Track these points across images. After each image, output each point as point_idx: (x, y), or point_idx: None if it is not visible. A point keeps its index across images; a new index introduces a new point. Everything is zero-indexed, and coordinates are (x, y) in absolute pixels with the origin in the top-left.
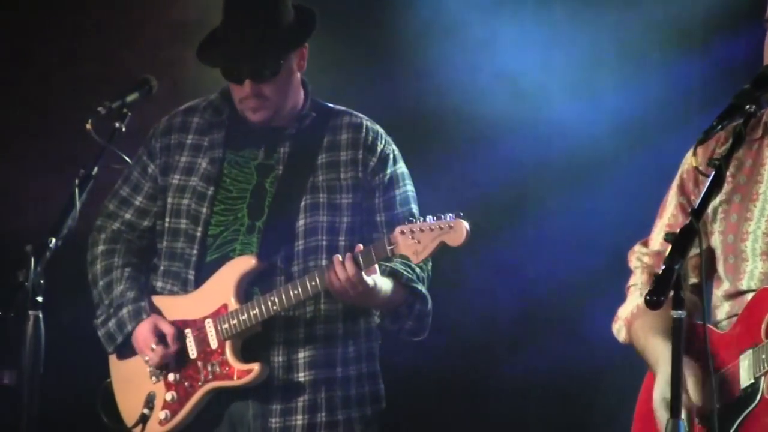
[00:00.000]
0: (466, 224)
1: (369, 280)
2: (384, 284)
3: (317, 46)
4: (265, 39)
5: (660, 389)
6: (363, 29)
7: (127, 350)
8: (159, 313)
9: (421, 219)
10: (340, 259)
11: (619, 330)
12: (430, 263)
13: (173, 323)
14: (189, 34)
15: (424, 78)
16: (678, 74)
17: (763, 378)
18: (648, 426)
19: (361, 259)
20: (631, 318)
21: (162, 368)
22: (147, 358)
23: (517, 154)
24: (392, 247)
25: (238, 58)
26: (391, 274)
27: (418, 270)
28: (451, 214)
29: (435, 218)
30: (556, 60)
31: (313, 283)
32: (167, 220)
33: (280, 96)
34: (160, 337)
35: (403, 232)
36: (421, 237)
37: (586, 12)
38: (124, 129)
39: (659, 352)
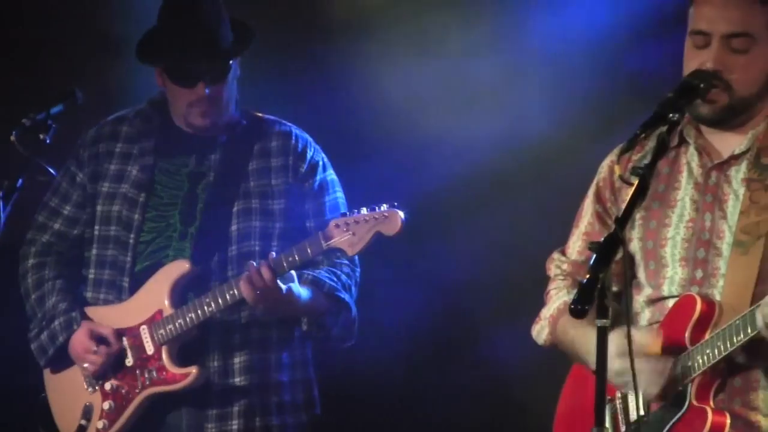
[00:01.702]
0: (401, 213)
1: (284, 287)
2: (303, 292)
3: (253, 53)
4: (215, 42)
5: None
6: (294, 36)
7: (60, 363)
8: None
9: (356, 211)
10: (255, 265)
11: (540, 330)
12: (358, 270)
13: None
14: (116, 44)
15: (355, 86)
16: (598, 85)
17: (690, 384)
18: (573, 424)
19: (285, 263)
20: (557, 314)
21: (100, 376)
22: (86, 365)
23: (444, 165)
24: (327, 241)
25: (194, 61)
26: (313, 282)
27: (344, 277)
28: (386, 204)
29: (369, 209)
30: (483, 70)
31: (231, 292)
32: (96, 227)
33: (227, 100)
34: (99, 340)
35: (337, 225)
36: (356, 229)
37: (510, 21)
38: (48, 141)
39: (590, 343)
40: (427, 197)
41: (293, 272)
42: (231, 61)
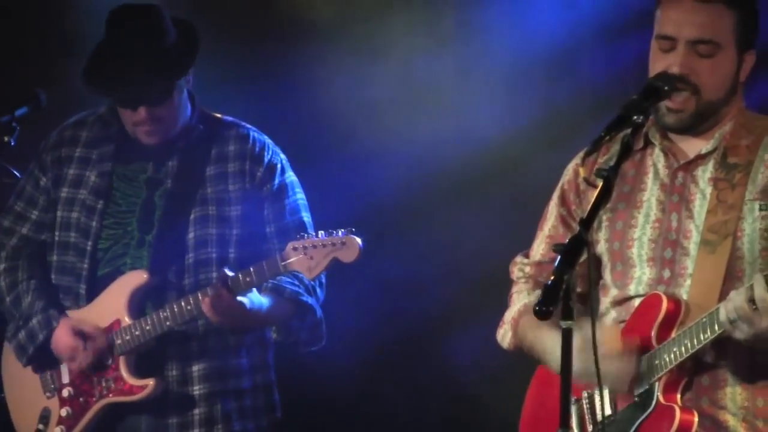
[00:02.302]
0: (358, 240)
1: (245, 301)
2: (264, 302)
3: (206, 57)
4: (156, 63)
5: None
6: (253, 39)
7: (41, 361)
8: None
9: (314, 235)
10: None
11: (504, 334)
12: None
13: None
14: (80, 46)
15: (310, 88)
16: (555, 88)
17: (657, 383)
18: (539, 425)
19: (242, 283)
20: (518, 316)
21: (86, 373)
22: (75, 363)
23: (400, 166)
24: (285, 263)
25: (131, 85)
26: (273, 290)
27: (307, 280)
28: (343, 230)
29: (327, 234)
30: (438, 73)
31: (189, 307)
32: (57, 233)
33: (173, 116)
34: (83, 337)
35: (295, 248)
36: (313, 253)
37: (466, 24)
38: (13, 143)
39: (551, 341)
40: (382, 199)
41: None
42: (173, 82)
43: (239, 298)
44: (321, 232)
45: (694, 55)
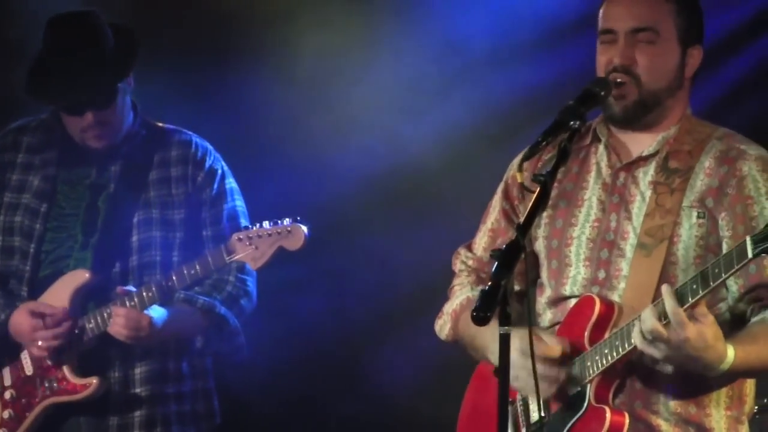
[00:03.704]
0: (304, 228)
1: (153, 315)
2: (172, 313)
3: (146, 69)
4: (98, 67)
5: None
6: (196, 45)
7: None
8: None
9: (258, 225)
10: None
11: (443, 325)
12: (250, 279)
13: None
14: (20, 53)
15: (256, 96)
16: (497, 91)
17: (589, 385)
18: (476, 425)
19: (187, 276)
20: (459, 310)
21: (55, 355)
22: (39, 343)
23: (343, 173)
24: (230, 254)
25: (76, 92)
26: (185, 301)
27: (229, 288)
28: (288, 219)
29: (272, 223)
30: (382, 78)
31: (109, 314)
32: (1, 238)
33: (118, 119)
34: (41, 316)
35: (240, 239)
36: (258, 243)
37: (411, 27)
38: None
39: (491, 336)
40: (326, 207)
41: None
42: (118, 85)
43: (146, 312)
44: (266, 222)
45: (635, 45)
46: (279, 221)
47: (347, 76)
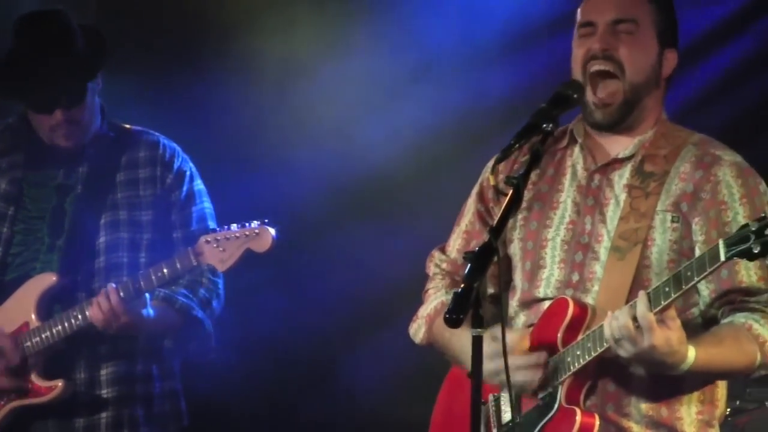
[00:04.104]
0: (271, 230)
1: (134, 311)
2: (153, 311)
3: (111, 64)
4: (68, 65)
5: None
6: (168, 47)
7: None
8: None
9: (226, 227)
10: (106, 292)
11: (417, 329)
12: (220, 281)
13: None
14: None
15: (222, 94)
16: (477, 91)
17: (560, 386)
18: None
19: (154, 278)
20: (434, 314)
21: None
22: None
23: (315, 172)
24: (197, 256)
25: (45, 89)
26: (164, 299)
27: (202, 292)
28: (256, 221)
29: (240, 226)
30: (353, 83)
31: (76, 316)
32: None
33: (87, 118)
34: None
35: (207, 241)
36: (226, 245)
37: (381, 33)
38: None
39: (466, 339)
40: (295, 208)
41: (147, 295)
42: (88, 83)
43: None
44: (234, 225)
45: (615, 34)
46: (247, 223)
47: (315, 77)
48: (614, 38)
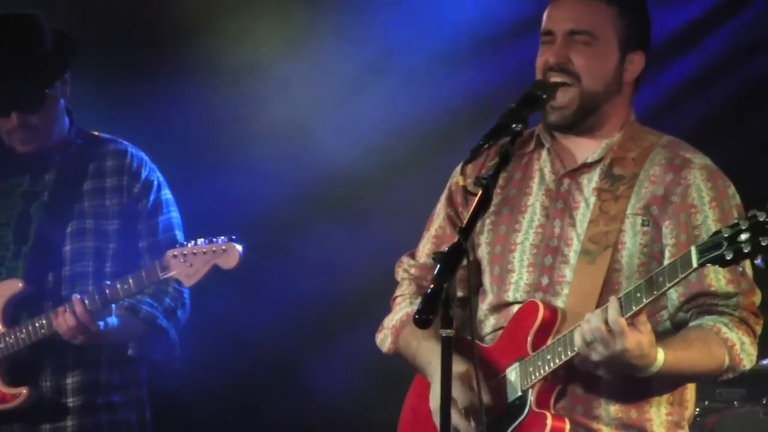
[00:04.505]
0: (238, 247)
1: (100, 322)
2: (117, 320)
3: (83, 72)
4: (28, 70)
5: (437, 396)
6: (130, 57)
7: None
8: None
9: (193, 242)
10: (71, 305)
11: (384, 339)
12: (186, 291)
13: None
14: None
15: (188, 100)
16: (445, 92)
17: (530, 390)
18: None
19: (120, 291)
20: (400, 326)
21: None
22: None
23: (283, 175)
24: (164, 271)
25: (4, 91)
26: (128, 309)
27: (167, 301)
28: (223, 237)
29: (207, 241)
30: (321, 77)
31: (42, 324)
32: None
33: (47, 126)
34: None
35: (175, 256)
36: (193, 260)
37: (350, 27)
38: None
39: (433, 356)
40: (263, 212)
41: (113, 305)
42: (46, 90)
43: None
44: (201, 240)
45: (572, 45)
46: (214, 239)
47: (278, 79)
48: (570, 50)
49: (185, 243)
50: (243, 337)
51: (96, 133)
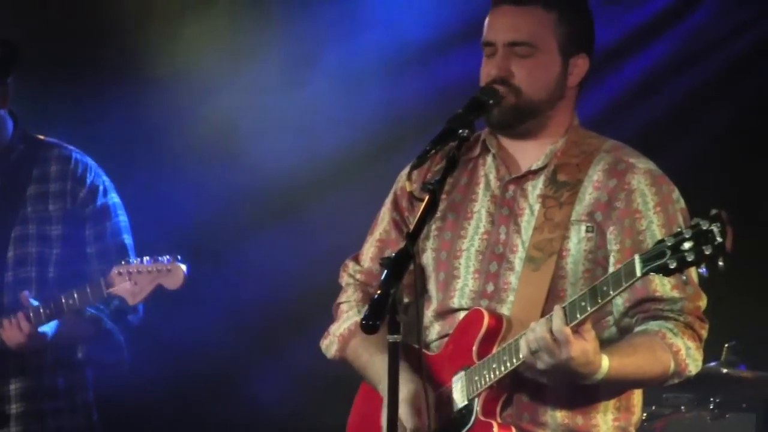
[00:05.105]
0: (183, 267)
1: (46, 330)
2: (63, 324)
3: (27, 77)
4: None
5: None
6: (65, 53)
7: None
8: None
9: (139, 260)
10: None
11: (329, 345)
12: None
13: None
14: None
15: (125, 106)
16: (392, 99)
17: (476, 399)
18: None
19: (65, 306)
20: (348, 335)
21: None
22: None
23: (221, 181)
24: (109, 288)
25: None
26: (75, 310)
27: (116, 301)
28: (168, 257)
29: (152, 260)
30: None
31: None
32: None
33: None
34: None
35: (120, 273)
36: (138, 279)
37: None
38: None
39: (383, 370)
40: (202, 218)
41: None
42: None
43: (41, 329)
44: (146, 258)
45: (512, 58)
46: (159, 258)
47: (213, 88)
48: (511, 62)
49: (130, 260)
50: (182, 344)
51: (41, 137)
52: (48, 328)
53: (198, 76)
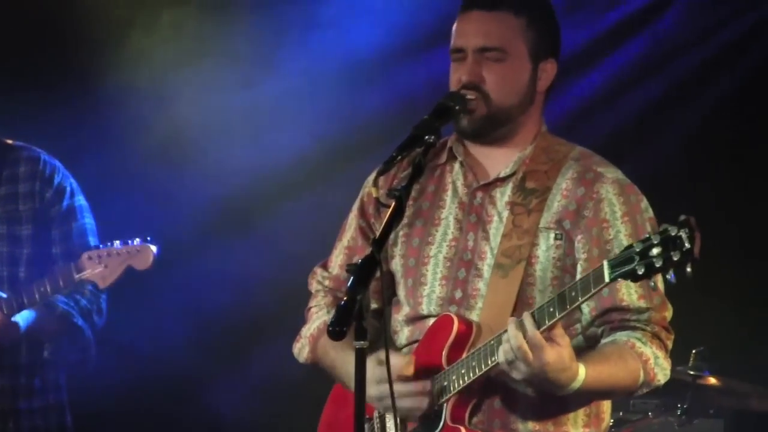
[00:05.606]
0: (153, 248)
1: (20, 321)
2: (35, 318)
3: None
4: None
5: (371, 389)
6: (55, 62)
7: None
8: None
9: (109, 244)
10: None
11: (301, 349)
12: (103, 295)
13: None
14: None
15: (103, 110)
16: (356, 105)
17: (445, 404)
18: None
19: (36, 294)
20: (317, 334)
21: None
22: None
23: (188, 188)
24: (79, 273)
25: None
26: (46, 305)
27: (84, 302)
28: (138, 239)
29: (122, 243)
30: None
31: None
32: None
33: None
34: None
35: (90, 258)
36: (108, 261)
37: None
38: None
39: (350, 362)
40: (167, 227)
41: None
42: None
43: (13, 319)
44: (117, 242)
45: (482, 63)
46: (129, 241)
47: (179, 93)
48: (482, 68)
49: (100, 245)
50: (144, 351)
51: (9, 141)
52: (20, 318)
53: (153, 83)
